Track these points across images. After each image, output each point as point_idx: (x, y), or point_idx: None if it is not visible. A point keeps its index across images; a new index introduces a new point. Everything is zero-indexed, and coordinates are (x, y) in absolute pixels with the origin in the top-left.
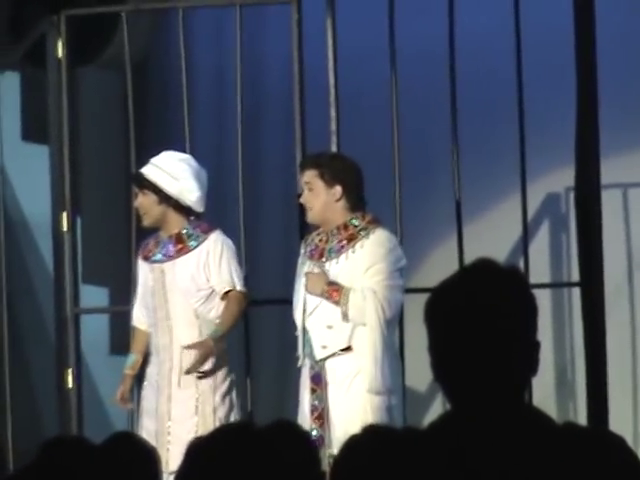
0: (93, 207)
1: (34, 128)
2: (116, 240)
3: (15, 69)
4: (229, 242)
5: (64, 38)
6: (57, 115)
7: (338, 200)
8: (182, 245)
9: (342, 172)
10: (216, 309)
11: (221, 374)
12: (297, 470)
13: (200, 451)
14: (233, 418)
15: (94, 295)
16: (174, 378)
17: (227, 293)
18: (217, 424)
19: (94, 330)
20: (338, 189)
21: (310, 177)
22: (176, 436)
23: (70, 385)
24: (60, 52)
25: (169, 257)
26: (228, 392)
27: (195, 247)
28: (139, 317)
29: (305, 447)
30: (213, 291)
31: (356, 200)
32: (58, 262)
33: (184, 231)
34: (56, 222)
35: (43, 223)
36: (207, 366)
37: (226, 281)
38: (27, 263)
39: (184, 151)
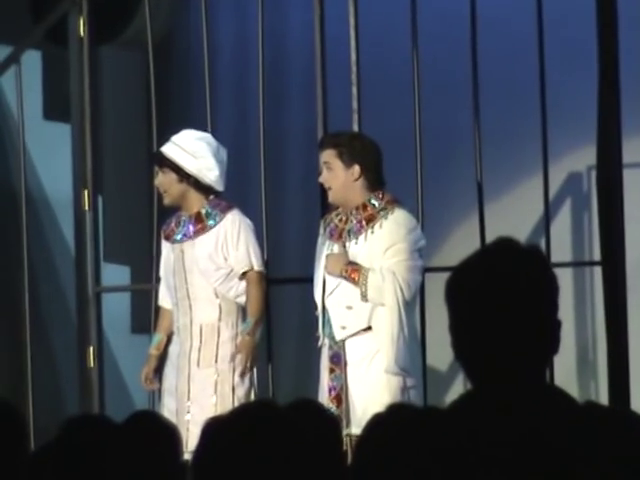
0: (115, 186)
1: (56, 107)
2: (138, 219)
3: (37, 48)
4: (247, 221)
5: (86, 17)
6: (79, 94)
7: (356, 180)
8: (201, 224)
9: (361, 152)
10: (235, 288)
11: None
12: (319, 449)
13: (219, 430)
14: (252, 397)
15: (115, 274)
16: (193, 357)
17: (245, 273)
18: (236, 403)
19: (115, 309)
20: (357, 169)
21: (329, 157)
22: (195, 415)
23: (92, 363)
24: (82, 31)
25: (189, 237)
26: (250, 368)
27: (213, 226)
28: (164, 296)
29: (327, 426)
30: (232, 270)
31: (375, 180)
32: (79, 241)
33: (203, 210)
34: (78, 201)
35: (65, 202)
36: (250, 363)
37: (244, 261)
38: (49, 242)
39: (205, 130)
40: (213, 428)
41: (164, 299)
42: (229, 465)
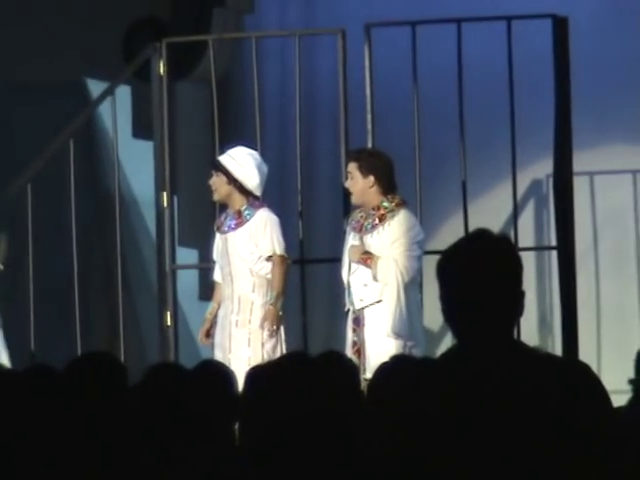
0: (187, 188)
1: (142, 128)
2: (204, 213)
3: (127, 83)
4: (273, 216)
5: (164, 60)
6: (159, 118)
7: (372, 187)
8: (240, 219)
9: (375, 165)
10: (266, 268)
11: None
12: (342, 389)
13: (263, 374)
14: (279, 351)
15: (187, 255)
16: (233, 319)
17: (271, 256)
18: (265, 356)
19: (187, 282)
20: (371, 178)
21: (351, 168)
22: (234, 365)
23: (168, 324)
24: (162, 70)
25: (232, 228)
26: (276, 330)
27: (248, 220)
28: (217, 273)
29: (349, 371)
30: (262, 254)
31: (387, 186)
32: (159, 230)
33: (243, 208)
34: (158, 200)
35: (148, 201)
36: (276, 326)
37: (269, 247)
38: (136, 231)
39: (255, 148)
40: (258, 373)
41: (217, 275)
42: (270, 401)
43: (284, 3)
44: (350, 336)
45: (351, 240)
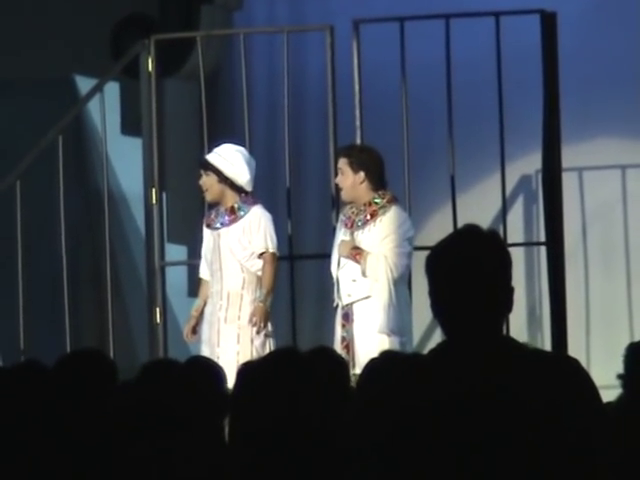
0: (175, 185)
1: (130, 125)
2: (192, 210)
3: (116, 80)
4: (267, 214)
5: (153, 56)
6: (148, 115)
7: (362, 182)
8: (234, 215)
9: (366, 161)
10: (257, 265)
11: None
12: (332, 384)
13: (253, 370)
14: (268, 347)
15: (176, 251)
16: (222, 315)
17: (263, 253)
18: (254, 352)
19: (176, 278)
20: (362, 174)
21: (342, 164)
22: (223, 360)
23: (158, 320)
24: (150, 67)
25: (224, 225)
26: (264, 327)
27: (243, 217)
28: (204, 270)
29: (338, 367)
30: (254, 251)
31: (378, 182)
32: (148, 226)
33: (236, 205)
34: (147, 196)
35: (137, 197)
36: (264, 323)
37: (262, 245)
38: (125, 228)
39: (244, 144)
40: (248, 369)
41: (203, 272)
42: (260, 397)
43: (272, 0)
44: (339, 332)
45: (342, 236)
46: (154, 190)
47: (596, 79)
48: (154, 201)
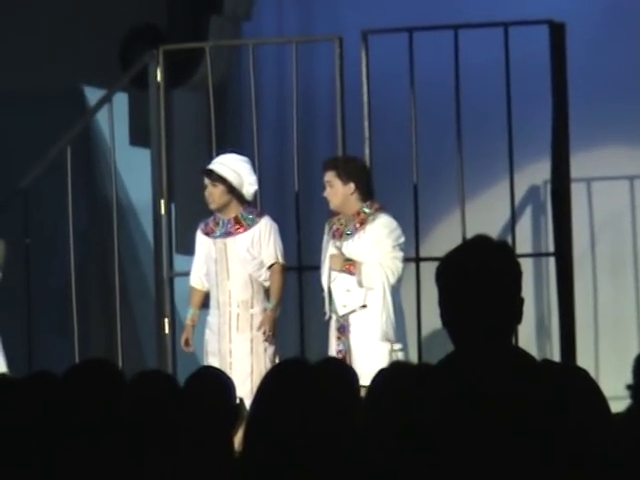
0: (184, 196)
1: (139, 135)
2: (201, 220)
3: (125, 91)
4: (275, 225)
5: (162, 67)
6: (157, 126)
7: (352, 193)
8: (240, 225)
9: (354, 172)
10: (264, 274)
11: None
12: (341, 394)
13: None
14: (277, 357)
15: (185, 262)
16: (233, 325)
17: (272, 265)
18: (267, 361)
19: (184, 289)
20: (351, 185)
21: (330, 177)
22: (236, 370)
23: (167, 331)
24: (159, 77)
25: (229, 234)
26: (272, 335)
27: (251, 227)
28: (198, 280)
29: (348, 378)
30: (263, 261)
31: (366, 192)
32: (157, 237)
33: (240, 214)
34: (156, 207)
35: (146, 208)
36: (271, 331)
37: (272, 255)
38: (134, 238)
39: (253, 154)
40: (268, 378)
41: (196, 282)
42: (272, 412)
43: (282, 10)
44: (334, 344)
45: (330, 247)
46: (163, 201)
47: (605, 89)
48: (163, 212)
